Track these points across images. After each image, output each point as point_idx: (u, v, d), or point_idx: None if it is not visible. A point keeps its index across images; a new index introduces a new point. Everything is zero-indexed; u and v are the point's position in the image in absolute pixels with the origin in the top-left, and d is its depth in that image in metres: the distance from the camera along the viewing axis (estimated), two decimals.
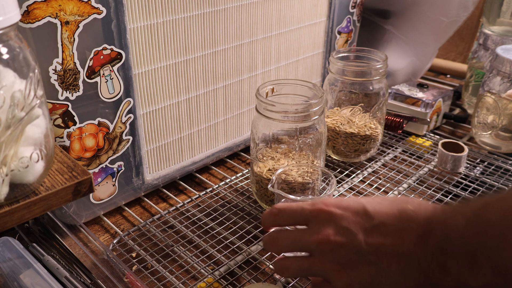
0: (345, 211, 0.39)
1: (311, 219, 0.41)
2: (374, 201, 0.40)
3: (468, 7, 0.86)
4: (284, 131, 0.56)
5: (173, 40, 0.57)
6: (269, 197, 0.57)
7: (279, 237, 0.43)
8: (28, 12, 0.42)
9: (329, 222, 0.39)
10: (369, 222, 0.38)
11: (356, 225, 0.38)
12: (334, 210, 0.40)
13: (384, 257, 0.37)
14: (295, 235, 0.42)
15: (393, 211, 0.38)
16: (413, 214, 0.37)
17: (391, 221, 0.38)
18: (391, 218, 0.38)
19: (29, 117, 0.34)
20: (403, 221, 0.37)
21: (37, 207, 0.36)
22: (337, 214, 0.39)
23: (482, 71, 0.87)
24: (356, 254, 0.38)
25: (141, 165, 0.59)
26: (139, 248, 0.54)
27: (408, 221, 0.37)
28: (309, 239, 0.40)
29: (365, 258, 0.38)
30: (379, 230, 0.38)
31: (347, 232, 0.38)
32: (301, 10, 0.72)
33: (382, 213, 0.38)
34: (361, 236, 0.38)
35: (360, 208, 0.39)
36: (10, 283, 0.45)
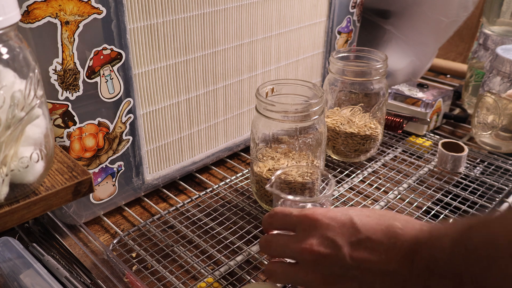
0: (332, 221, 0.39)
1: (297, 225, 0.40)
2: (362, 213, 0.39)
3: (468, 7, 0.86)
4: (284, 131, 0.56)
5: (173, 40, 0.57)
6: (269, 197, 0.57)
7: (272, 240, 0.43)
8: (28, 12, 0.42)
9: (314, 230, 0.39)
10: (356, 236, 0.38)
11: (342, 237, 0.38)
12: (320, 219, 0.39)
13: (368, 274, 0.37)
14: (284, 240, 0.41)
15: (380, 227, 0.37)
16: (401, 232, 0.37)
17: (378, 236, 0.37)
18: (379, 233, 0.37)
19: (29, 117, 0.34)
20: (390, 238, 0.37)
21: (37, 207, 0.36)
22: (323, 223, 0.39)
23: (482, 71, 0.87)
24: (339, 267, 0.38)
25: (141, 165, 0.59)
26: (139, 248, 0.54)
27: (395, 239, 0.36)
28: (294, 246, 0.40)
29: (348, 273, 0.37)
30: (365, 245, 0.37)
31: (331, 244, 0.38)
32: (301, 10, 0.72)
33: (369, 227, 0.38)
34: (346, 250, 0.37)
35: (348, 220, 0.38)
36: (10, 283, 0.45)
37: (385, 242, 0.37)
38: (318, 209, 0.40)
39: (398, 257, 0.36)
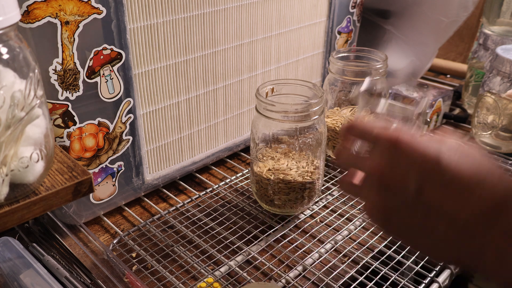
0: (415, 152, 0.33)
1: (377, 142, 0.36)
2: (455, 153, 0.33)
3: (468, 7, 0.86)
4: (284, 131, 0.56)
5: (173, 40, 0.57)
6: (269, 197, 0.58)
7: (345, 149, 0.39)
8: (28, 12, 0.42)
9: (391, 154, 0.34)
10: (436, 176, 0.32)
11: (418, 173, 0.33)
12: (402, 144, 0.34)
13: (434, 217, 0.33)
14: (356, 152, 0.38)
15: (469, 173, 0.32)
16: (490, 185, 0.31)
17: (461, 183, 0.32)
18: (464, 180, 0.32)
19: (29, 117, 0.34)
20: (475, 188, 0.31)
21: (37, 207, 0.36)
22: (404, 150, 0.33)
23: (482, 71, 0.87)
24: (403, 202, 0.34)
25: (141, 165, 0.59)
26: (139, 248, 0.54)
27: (481, 190, 0.31)
28: (365, 162, 0.36)
29: (412, 211, 0.33)
30: (443, 188, 0.32)
31: (404, 176, 0.33)
32: (301, 10, 0.72)
33: (456, 171, 0.32)
34: (417, 187, 0.33)
35: (434, 157, 0.32)
36: (10, 283, 0.45)
37: (470, 191, 0.32)
38: (404, 133, 0.34)
39: (475, 210, 0.31)
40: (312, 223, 0.59)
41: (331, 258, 0.53)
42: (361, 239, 0.56)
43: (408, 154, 0.33)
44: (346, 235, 0.57)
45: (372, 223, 0.36)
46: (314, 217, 0.60)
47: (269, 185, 0.56)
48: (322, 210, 0.61)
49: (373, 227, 0.58)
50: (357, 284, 0.49)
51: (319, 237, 0.56)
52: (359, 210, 0.61)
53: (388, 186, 0.34)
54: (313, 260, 0.53)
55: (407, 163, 0.33)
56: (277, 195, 0.57)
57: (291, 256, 0.53)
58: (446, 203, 0.32)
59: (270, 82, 0.58)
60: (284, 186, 0.56)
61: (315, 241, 0.56)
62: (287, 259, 0.53)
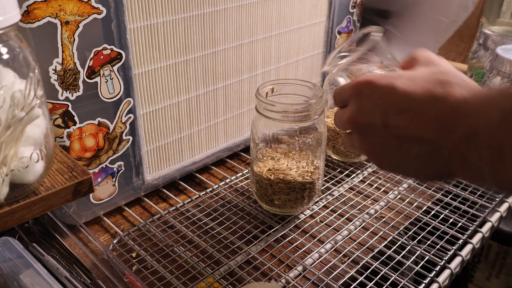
0: (374, 89, 0.37)
1: (349, 97, 0.40)
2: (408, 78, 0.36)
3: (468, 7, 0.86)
4: (284, 131, 0.56)
5: (173, 40, 0.57)
6: (269, 197, 0.58)
7: (335, 115, 0.43)
8: (28, 12, 0.42)
9: (356, 99, 0.38)
10: (395, 104, 0.36)
11: (380, 106, 0.36)
12: (362, 87, 0.38)
13: (405, 142, 0.36)
14: (339, 113, 0.42)
15: (424, 91, 0.35)
16: (444, 96, 0.34)
17: (418, 103, 0.35)
18: (420, 100, 0.35)
19: (29, 117, 0.34)
20: (432, 103, 0.34)
21: (37, 207, 0.36)
22: (364, 91, 0.38)
23: (482, 71, 0.87)
24: (379, 137, 0.37)
25: (141, 165, 0.59)
26: (139, 248, 0.54)
27: (438, 103, 0.34)
28: (343, 118, 0.40)
29: (387, 142, 0.37)
30: (404, 113, 0.35)
31: (368, 113, 0.37)
32: (301, 10, 0.72)
33: (412, 94, 0.35)
34: (382, 119, 0.36)
35: (389, 87, 0.36)
36: (10, 283, 0.45)
37: (425, 108, 0.35)
38: (363, 77, 0.38)
39: (436, 125, 0.34)
40: (312, 223, 0.59)
41: (331, 258, 0.53)
42: (361, 239, 0.56)
43: (365, 95, 0.37)
44: (346, 235, 0.57)
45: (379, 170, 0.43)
46: (314, 217, 0.60)
47: (269, 185, 0.56)
48: (322, 210, 0.61)
49: (373, 227, 0.58)
50: (357, 284, 0.49)
51: (319, 237, 0.56)
52: (359, 210, 0.61)
53: (363, 127, 0.38)
54: (313, 260, 0.53)
55: (367, 103, 0.37)
56: (277, 195, 0.57)
57: (291, 256, 0.53)
58: (410, 126, 0.35)
59: (270, 82, 0.58)
60: (284, 186, 0.56)
61: (315, 241, 0.56)
62: (287, 259, 0.53)
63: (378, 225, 0.58)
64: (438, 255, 0.54)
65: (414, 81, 0.36)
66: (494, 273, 1.11)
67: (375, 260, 0.53)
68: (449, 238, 0.56)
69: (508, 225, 0.93)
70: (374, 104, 0.37)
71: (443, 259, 0.53)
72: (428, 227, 0.58)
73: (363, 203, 0.63)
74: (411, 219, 0.60)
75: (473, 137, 0.32)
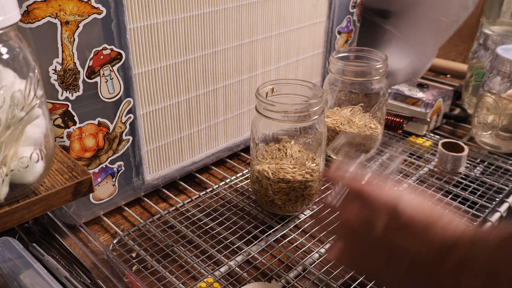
0: (377, 200, 0.39)
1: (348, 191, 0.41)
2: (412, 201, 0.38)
3: (468, 7, 0.86)
4: (284, 131, 0.56)
5: (173, 40, 0.57)
6: (269, 197, 0.57)
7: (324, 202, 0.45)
8: (28, 12, 0.42)
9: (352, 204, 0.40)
10: (395, 220, 0.37)
11: (380, 218, 0.38)
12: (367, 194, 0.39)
13: (397, 258, 0.37)
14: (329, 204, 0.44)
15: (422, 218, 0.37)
16: (442, 227, 0.36)
17: (415, 227, 0.37)
18: (419, 223, 0.37)
19: (29, 117, 0.34)
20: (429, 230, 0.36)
21: (37, 207, 0.36)
22: (368, 199, 0.39)
23: (482, 71, 0.87)
24: (369, 245, 0.39)
25: (141, 165, 0.59)
26: (139, 248, 0.54)
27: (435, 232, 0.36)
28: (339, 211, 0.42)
29: (377, 251, 0.38)
30: (402, 231, 0.37)
31: (367, 221, 0.39)
32: (301, 10, 0.72)
33: (412, 216, 0.37)
34: (379, 231, 0.38)
35: (393, 203, 0.38)
36: (10, 283, 0.45)
37: (422, 232, 0.36)
38: (369, 184, 0.40)
39: (431, 250, 0.35)
40: (312, 223, 0.59)
41: None
42: None
43: (371, 202, 0.39)
44: None
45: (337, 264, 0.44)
46: (314, 217, 0.60)
47: (269, 185, 0.56)
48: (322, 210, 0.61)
49: None
50: (357, 284, 0.49)
51: (319, 237, 0.56)
52: None
53: (356, 232, 0.39)
54: (313, 260, 0.53)
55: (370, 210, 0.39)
56: (277, 195, 0.57)
57: (291, 256, 0.53)
58: (405, 242, 0.37)
59: (270, 82, 0.58)
60: (284, 186, 0.56)
61: (315, 241, 0.56)
62: (287, 259, 0.53)
63: None
64: None
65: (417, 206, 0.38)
66: None
67: None
68: None
69: None
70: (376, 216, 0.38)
71: None
72: None
73: None
74: None
75: (468, 261, 0.33)
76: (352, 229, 0.40)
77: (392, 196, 0.39)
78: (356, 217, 0.39)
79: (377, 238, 0.38)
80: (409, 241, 0.37)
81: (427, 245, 0.36)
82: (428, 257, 0.36)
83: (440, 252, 0.35)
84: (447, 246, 0.35)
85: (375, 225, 0.38)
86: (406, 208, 0.38)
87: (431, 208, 0.38)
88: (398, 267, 0.37)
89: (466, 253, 0.34)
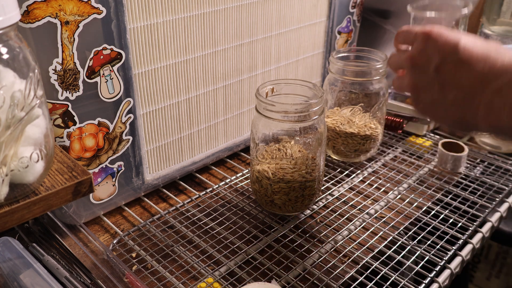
0: (439, 38, 0.43)
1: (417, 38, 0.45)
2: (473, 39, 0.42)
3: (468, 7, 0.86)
4: (284, 131, 0.56)
5: (173, 40, 0.57)
6: (269, 197, 0.57)
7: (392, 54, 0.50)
8: (28, 12, 0.42)
9: (421, 43, 0.44)
10: (453, 55, 0.42)
11: (439, 53, 0.42)
12: (430, 34, 0.44)
13: (447, 87, 0.42)
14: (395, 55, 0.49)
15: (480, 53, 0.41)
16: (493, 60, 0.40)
17: (472, 61, 0.41)
18: (474, 59, 0.41)
19: (29, 117, 0.34)
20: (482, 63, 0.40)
21: (37, 207, 0.36)
22: (430, 38, 0.43)
23: None
24: (427, 78, 0.44)
25: (141, 165, 0.59)
26: (139, 248, 0.54)
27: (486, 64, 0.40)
28: (402, 56, 0.47)
29: (432, 84, 0.43)
30: (457, 65, 0.41)
31: (427, 56, 0.43)
32: (301, 10, 0.72)
33: (470, 51, 0.41)
34: (437, 64, 0.42)
35: (453, 40, 0.42)
36: (10, 283, 0.45)
37: (477, 65, 0.40)
38: (434, 26, 0.44)
39: (480, 78, 0.40)
40: (312, 223, 0.59)
41: (331, 258, 0.53)
42: (361, 239, 0.56)
43: (433, 41, 0.43)
44: (346, 235, 0.57)
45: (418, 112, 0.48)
46: (314, 217, 0.60)
47: (269, 185, 0.56)
48: (322, 210, 0.61)
49: (373, 227, 0.58)
50: (357, 284, 0.49)
51: (319, 237, 0.56)
52: (359, 210, 0.61)
53: (415, 67, 0.45)
54: (313, 260, 0.53)
55: (432, 48, 0.43)
56: (277, 195, 0.57)
57: (291, 256, 0.53)
58: (457, 75, 0.41)
59: (270, 82, 0.58)
60: (284, 186, 0.56)
61: (315, 241, 0.56)
62: (287, 259, 0.53)
63: (378, 225, 0.58)
64: (438, 255, 0.54)
65: (476, 42, 0.42)
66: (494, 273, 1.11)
67: (375, 260, 0.53)
68: (449, 238, 0.56)
69: (508, 225, 0.93)
70: (437, 50, 0.43)
71: (443, 259, 0.53)
72: (428, 227, 0.58)
73: (363, 203, 0.63)
74: (411, 219, 0.60)
75: (506, 89, 0.39)
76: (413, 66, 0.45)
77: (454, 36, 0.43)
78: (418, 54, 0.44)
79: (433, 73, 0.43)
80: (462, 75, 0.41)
81: (475, 76, 0.40)
82: (474, 85, 0.40)
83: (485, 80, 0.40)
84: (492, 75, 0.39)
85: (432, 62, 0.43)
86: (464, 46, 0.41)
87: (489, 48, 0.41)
88: (447, 97, 0.42)
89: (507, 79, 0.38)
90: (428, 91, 0.44)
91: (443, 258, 0.53)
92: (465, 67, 0.41)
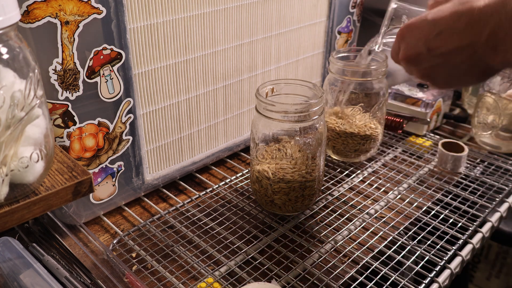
0: (413, 28, 0.46)
1: (398, 44, 0.48)
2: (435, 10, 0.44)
3: None
4: (284, 131, 0.56)
5: (173, 40, 0.57)
6: (269, 197, 0.57)
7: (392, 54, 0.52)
8: (28, 12, 0.42)
9: (403, 41, 0.47)
10: (432, 31, 0.44)
11: (421, 38, 0.45)
12: (403, 30, 0.47)
13: (449, 56, 0.44)
14: (393, 55, 0.51)
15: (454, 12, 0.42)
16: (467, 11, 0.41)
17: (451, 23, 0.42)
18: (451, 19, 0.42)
19: (29, 117, 0.34)
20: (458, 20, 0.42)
21: (37, 207, 0.36)
22: (406, 33, 0.46)
23: None
24: (427, 61, 0.46)
25: (141, 165, 0.59)
26: (139, 248, 0.54)
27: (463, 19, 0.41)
28: (398, 59, 0.49)
29: (435, 62, 0.45)
30: (442, 35, 0.43)
31: (414, 47, 0.46)
32: (301, 10, 0.72)
33: (443, 18, 0.43)
34: (426, 46, 0.44)
35: (424, 21, 0.44)
36: (10, 283, 0.45)
37: (455, 24, 0.42)
38: (405, 24, 0.47)
39: (468, 32, 0.42)
40: (312, 223, 0.59)
41: (331, 258, 0.53)
42: (361, 239, 0.56)
43: (408, 34, 0.46)
44: (346, 235, 0.57)
45: None
46: (314, 217, 0.60)
47: (269, 185, 0.56)
48: (322, 210, 0.61)
49: (373, 227, 0.58)
50: (357, 284, 0.49)
51: (319, 237, 0.56)
52: (359, 210, 0.61)
53: (412, 58, 0.47)
54: (313, 260, 0.53)
55: (411, 39, 0.46)
56: (277, 195, 0.57)
57: (291, 256, 0.53)
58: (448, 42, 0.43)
59: (270, 82, 0.58)
60: (284, 186, 0.56)
61: (315, 241, 0.56)
62: (287, 259, 0.53)
63: (378, 225, 0.58)
64: (438, 255, 0.54)
65: (440, 10, 0.44)
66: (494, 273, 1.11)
67: (375, 260, 0.53)
68: (449, 238, 0.56)
69: (508, 225, 0.93)
70: (416, 39, 0.45)
71: (443, 259, 0.53)
72: (428, 227, 0.58)
73: (363, 203, 0.63)
74: (411, 219, 0.60)
75: (498, 29, 0.40)
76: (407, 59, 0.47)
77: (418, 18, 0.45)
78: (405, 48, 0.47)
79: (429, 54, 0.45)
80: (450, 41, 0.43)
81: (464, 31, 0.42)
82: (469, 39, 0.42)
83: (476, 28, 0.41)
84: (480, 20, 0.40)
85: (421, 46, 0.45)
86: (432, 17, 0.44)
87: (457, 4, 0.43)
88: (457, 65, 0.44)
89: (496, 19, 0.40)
90: (436, 70, 0.46)
91: (443, 258, 0.53)
92: (447, 34, 0.43)
